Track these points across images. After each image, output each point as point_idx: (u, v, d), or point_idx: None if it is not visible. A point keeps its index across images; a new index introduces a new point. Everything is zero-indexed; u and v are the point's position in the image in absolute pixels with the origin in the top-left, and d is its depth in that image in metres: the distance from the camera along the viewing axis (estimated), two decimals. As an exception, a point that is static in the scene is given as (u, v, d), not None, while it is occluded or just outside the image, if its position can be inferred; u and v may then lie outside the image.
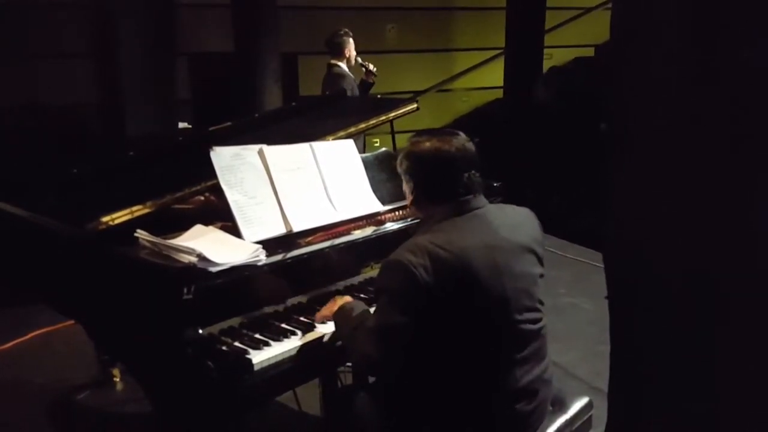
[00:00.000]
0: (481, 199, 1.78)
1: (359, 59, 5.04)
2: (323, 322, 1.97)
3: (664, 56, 1.31)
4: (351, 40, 4.97)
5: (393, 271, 1.63)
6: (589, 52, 8.55)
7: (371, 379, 2.43)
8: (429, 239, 1.65)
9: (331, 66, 4.97)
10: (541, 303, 1.78)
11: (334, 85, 4.82)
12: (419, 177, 1.79)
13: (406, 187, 1.86)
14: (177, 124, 5.06)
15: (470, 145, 1.78)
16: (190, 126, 5.07)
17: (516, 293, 1.67)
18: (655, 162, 1.37)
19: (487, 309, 1.64)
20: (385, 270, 1.67)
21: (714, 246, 1.31)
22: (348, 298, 1.99)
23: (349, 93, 4.66)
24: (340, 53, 4.93)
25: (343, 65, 4.95)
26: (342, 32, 4.98)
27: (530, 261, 1.75)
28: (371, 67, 5.06)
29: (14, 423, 2.96)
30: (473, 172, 1.75)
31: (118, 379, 3.26)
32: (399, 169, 1.86)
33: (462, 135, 1.80)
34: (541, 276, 1.79)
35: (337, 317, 1.90)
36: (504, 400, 1.70)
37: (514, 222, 1.80)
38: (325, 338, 1.95)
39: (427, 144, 1.78)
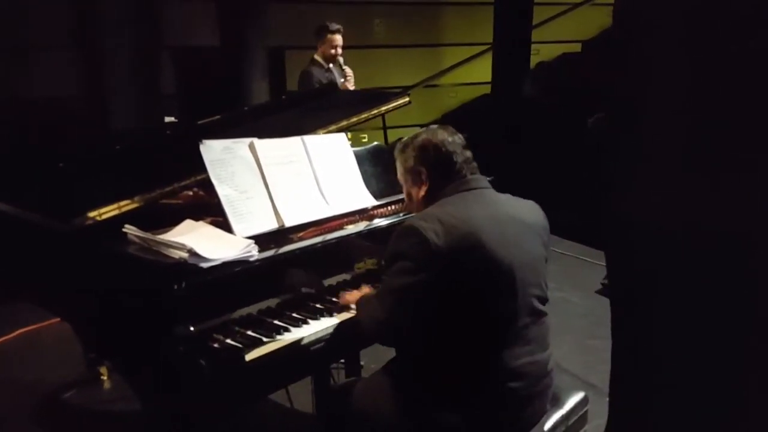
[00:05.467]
0: (485, 181, 1.87)
1: (341, 60, 4.78)
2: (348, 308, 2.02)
3: (668, 41, 1.29)
4: (331, 37, 4.73)
5: (404, 235, 1.69)
6: (576, 47, 8.57)
7: (364, 375, 2.42)
8: (440, 209, 1.74)
9: (310, 61, 4.84)
10: (546, 285, 1.81)
11: (300, 84, 4.74)
12: (430, 161, 1.86)
13: (412, 186, 1.91)
14: (163, 119, 4.99)
15: (458, 133, 1.93)
16: (176, 120, 5.00)
17: (522, 266, 1.71)
18: (658, 153, 1.35)
19: (495, 277, 1.67)
20: (396, 236, 1.72)
21: (722, 237, 1.30)
22: (367, 290, 2.05)
23: None
24: (318, 43, 4.81)
25: (321, 60, 4.77)
26: (327, 23, 4.78)
27: (535, 241, 1.81)
28: (348, 73, 4.81)
29: (1, 422, 2.90)
30: (469, 153, 1.88)
31: (105, 378, 3.22)
32: (404, 167, 1.92)
33: (448, 126, 1.94)
34: (546, 260, 1.84)
35: (358, 303, 1.95)
36: (499, 375, 1.70)
37: (519, 204, 1.88)
38: (318, 334, 1.92)
39: (425, 135, 1.90)
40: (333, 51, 4.75)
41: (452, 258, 1.62)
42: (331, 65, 4.82)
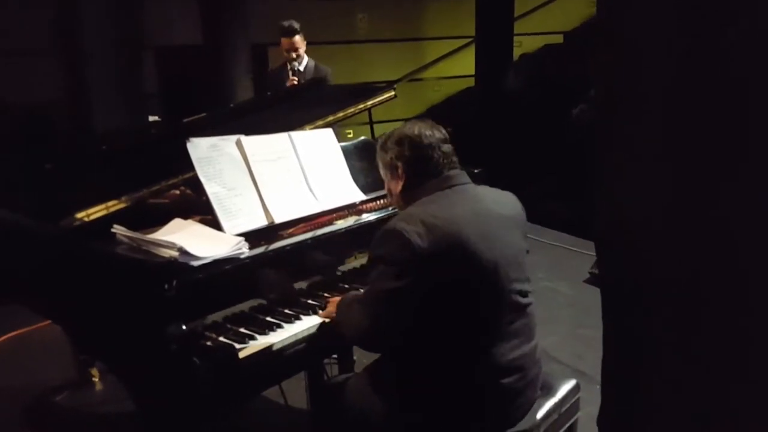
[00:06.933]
0: (465, 176, 1.85)
1: (294, 64, 4.47)
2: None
3: (651, 35, 1.30)
4: (283, 40, 4.45)
5: (387, 239, 1.66)
6: (558, 39, 8.61)
7: (357, 370, 2.43)
8: (421, 209, 1.72)
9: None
10: (529, 279, 1.81)
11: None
12: (407, 156, 1.83)
13: (390, 180, 1.90)
14: (147, 118, 4.96)
15: (440, 126, 1.89)
16: (160, 119, 4.98)
17: (505, 261, 1.70)
18: (646, 143, 1.36)
19: (479, 275, 1.66)
20: (379, 239, 1.70)
21: (713, 235, 1.31)
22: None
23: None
24: None
25: (295, 63, 4.49)
26: (282, 24, 4.48)
27: (517, 234, 1.80)
28: (295, 83, 4.44)
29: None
30: (450, 147, 1.85)
31: (97, 379, 3.20)
32: (383, 161, 1.90)
33: (428, 120, 1.91)
34: (527, 252, 1.84)
35: (338, 307, 1.91)
36: (492, 373, 1.71)
37: (498, 197, 1.86)
38: (311, 330, 1.93)
39: (404, 129, 1.86)
40: (286, 54, 4.51)
41: (436, 259, 1.61)
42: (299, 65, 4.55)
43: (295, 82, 4.38)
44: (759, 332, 1.35)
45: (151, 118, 4.87)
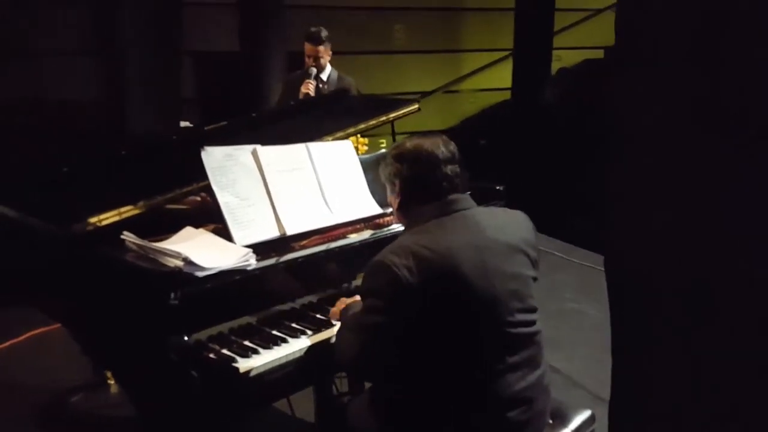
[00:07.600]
0: (468, 200, 1.75)
1: (313, 71, 4.24)
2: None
3: (669, 57, 1.26)
4: (308, 45, 4.26)
5: (376, 272, 1.61)
6: (599, 54, 8.46)
7: (367, 386, 2.38)
8: (414, 240, 1.63)
9: None
10: (535, 309, 1.72)
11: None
12: (404, 175, 1.75)
13: (390, 195, 1.84)
14: (179, 124, 5.01)
15: (450, 143, 1.79)
16: (192, 126, 5.02)
17: (506, 294, 1.62)
18: (656, 165, 1.32)
19: (476, 310, 1.59)
20: (368, 272, 1.66)
21: (713, 235, 1.26)
22: (357, 298, 1.94)
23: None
24: None
25: (313, 69, 4.28)
26: (310, 28, 4.28)
27: (521, 262, 1.70)
28: (310, 86, 4.18)
29: (8, 425, 2.91)
30: (456, 167, 1.75)
31: (112, 381, 3.21)
32: (383, 175, 1.84)
33: (442, 135, 1.81)
34: (535, 279, 1.74)
35: (341, 315, 1.89)
36: (495, 407, 1.64)
37: (502, 223, 1.76)
38: (318, 345, 1.89)
39: (407, 144, 1.78)
40: (307, 59, 4.30)
41: (426, 295, 1.55)
42: (320, 74, 4.37)
43: (311, 86, 4.21)
44: (760, 332, 1.30)
45: (183, 124, 4.91)
